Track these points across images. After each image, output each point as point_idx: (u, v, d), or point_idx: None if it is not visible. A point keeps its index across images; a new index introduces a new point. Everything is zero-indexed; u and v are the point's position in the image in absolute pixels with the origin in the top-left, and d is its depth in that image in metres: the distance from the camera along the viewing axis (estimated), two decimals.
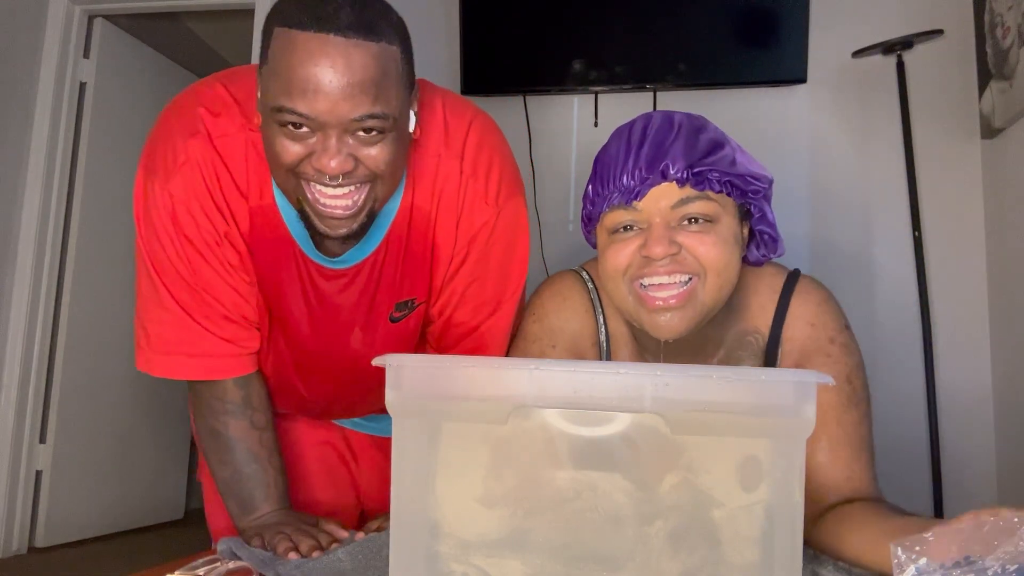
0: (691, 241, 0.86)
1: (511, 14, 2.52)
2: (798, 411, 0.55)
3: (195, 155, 0.95)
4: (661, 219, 0.86)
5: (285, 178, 0.88)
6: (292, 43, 0.81)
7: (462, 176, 1.00)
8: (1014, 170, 2.10)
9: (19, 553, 2.82)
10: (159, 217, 0.98)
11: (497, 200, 1.03)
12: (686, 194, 0.86)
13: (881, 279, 2.35)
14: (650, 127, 0.90)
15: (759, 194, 0.89)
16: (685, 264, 0.86)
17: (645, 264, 0.86)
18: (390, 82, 0.84)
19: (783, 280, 0.98)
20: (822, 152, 2.43)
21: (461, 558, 0.58)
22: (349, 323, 1.07)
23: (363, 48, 0.81)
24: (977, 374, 2.25)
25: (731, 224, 0.88)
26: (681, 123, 0.90)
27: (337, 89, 0.80)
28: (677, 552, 0.55)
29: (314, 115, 0.81)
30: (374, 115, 0.83)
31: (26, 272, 2.89)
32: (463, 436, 0.59)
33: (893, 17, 2.37)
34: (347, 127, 0.83)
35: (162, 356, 1.02)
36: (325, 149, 0.83)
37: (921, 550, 0.52)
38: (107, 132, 3.19)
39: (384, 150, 0.86)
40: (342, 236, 0.91)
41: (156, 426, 3.52)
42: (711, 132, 0.90)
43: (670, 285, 0.86)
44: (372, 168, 0.87)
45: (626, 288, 0.89)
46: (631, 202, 0.87)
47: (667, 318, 0.86)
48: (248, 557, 0.86)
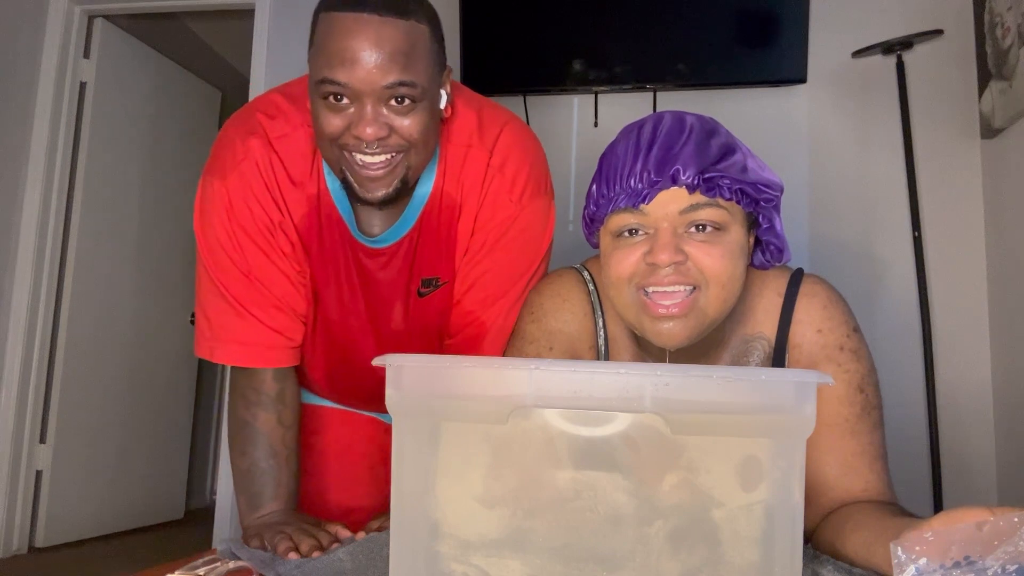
0: (697, 251, 0.84)
1: (511, 14, 2.52)
2: (798, 411, 0.55)
3: (253, 152, 1.04)
4: (668, 224, 0.84)
5: (330, 149, 0.97)
6: (332, 23, 0.91)
7: (489, 169, 1.07)
8: (1014, 170, 2.10)
9: (19, 553, 2.82)
10: (216, 211, 1.05)
11: (521, 199, 1.07)
12: (695, 200, 0.83)
13: (881, 279, 2.35)
14: (660, 128, 0.87)
15: (770, 203, 0.87)
16: (689, 275, 0.84)
17: (650, 272, 0.84)
18: (418, 55, 0.93)
19: (786, 282, 0.95)
20: (822, 152, 2.43)
21: (461, 558, 0.58)
22: (389, 299, 1.14)
23: (393, 24, 0.90)
24: (977, 374, 2.25)
25: (738, 233, 0.86)
26: (692, 126, 0.87)
27: (371, 59, 0.89)
28: (677, 552, 0.55)
29: (350, 83, 0.90)
30: (403, 82, 0.91)
31: (26, 272, 2.90)
32: (463, 436, 0.59)
33: (893, 17, 2.37)
34: (380, 95, 0.91)
35: (221, 344, 1.09)
36: (361, 117, 0.92)
37: (921, 550, 0.52)
38: (107, 132, 3.19)
39: (415, 120, 0.94)
40: (379, 199, 0.97)
41: (156, 426, 3.52)
42: (723, 136, 0.88)
43: (673, 293, 0.84)
44: (405, 137, 0.94)
45: (630, 296, 0.87)
46: (638, 205, 0.84)
47: (670, 326, 0.84)
48: (248, 557, 0.86)
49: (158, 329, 3.47)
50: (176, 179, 3.56)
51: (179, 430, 3.70)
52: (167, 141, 3.56)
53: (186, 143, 3.65)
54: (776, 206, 0.89)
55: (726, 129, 0.91)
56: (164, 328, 3.49)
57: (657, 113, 0.92)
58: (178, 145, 3.61)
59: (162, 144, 3.53)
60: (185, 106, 3.69)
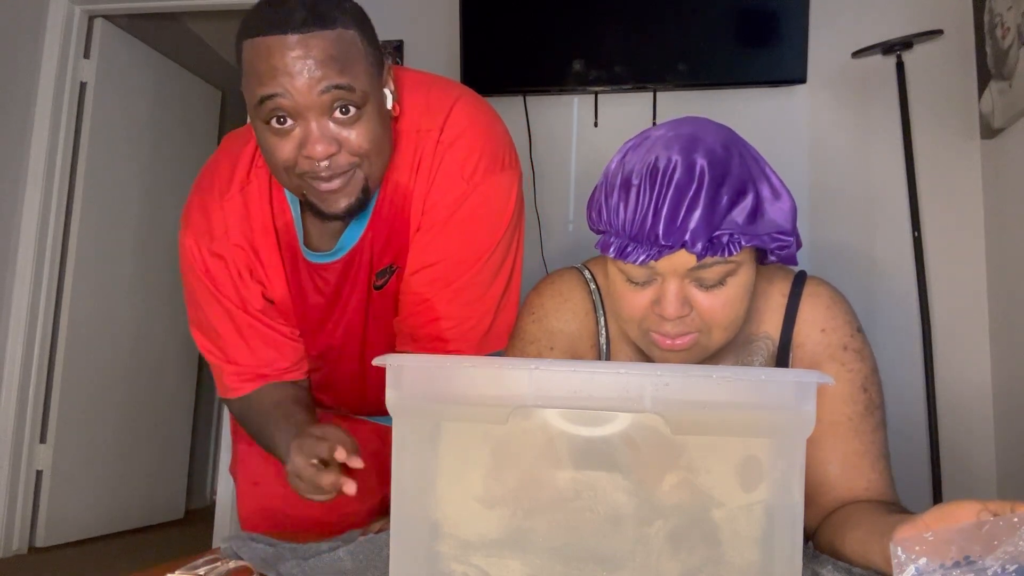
0: (704, 303, 0.82)
1: (511, 14, 2.52)
2: (798, 411, 0.55)
3: (227, 209, 1.10)
4: (676, 279, 0.81)
5: (287, 179, 0.96)
6: (258, 48, 0.91)
7: (439, 146, 1.04)
8: (1014, 170, 2.10)
9: (19, 553, 2.82)
10: (188, 266, 1.13)
11: (473, 176, 1.04)
12: (705, 261, 0.80)
13: (881, 279, 2.35)
14: (669, 181, 0.79)
15: (784, 250, 0.83)
16: (693, 324, 0.83)
17: (657, 320, 0.84)
18: (352, 60, 0.92)
19: (791, 283, 0.96)
20: (822, 152, 2.43)
21: (461, 558, 0.58)
22: (356, 305, 1.15)
23: (319, 37, 0.90)
24: (977, 374, 2.25)
25: (747, 273, 0.84)
26: (703, 175, 0.79)
27: (303, 70, 0.89)
28: (677, 552, 0.55)
29: (287, 91, 0.89)
30: (340, 85, 0.90)
31: (26, 272, 2.89)
32: (463, 436, 0.59)
33: (893, 17, 2.37)
34: (321, 107, 0.90)
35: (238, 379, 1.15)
36: (308, 135, 0.91)
37: (921, 550, 0.53)
38: (107, 132, 3.19)
39: (363, 130, 0.93)
40: (343, 211, 0.97)
41: (156, 426, 3.52)
42: (734, 172, 0.80)
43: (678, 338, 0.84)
44: (355, 151, 0.93)
45: (639, 332, 0.87)
46: (648, 263, 0.81)
47: (674, 355, 0.86)
48: (249, 556, 0.86)
49: (158, 329, 3.47)
50: (176, 179, 3.56)
51: (179, 430, 3.70)
52: (167, 141, 3.56)
53: (186, 143, 3.65)
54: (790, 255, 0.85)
55: (739, 152, 0.82)
56: (164, 328, 3.49)
57: (666, 143, 0.82)
58: (178, 145, 3.61)
59: (162, 144, 3.53)
60: (185, 106, 3.68)
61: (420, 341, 1.09)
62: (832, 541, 0.82)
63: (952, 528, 0.54)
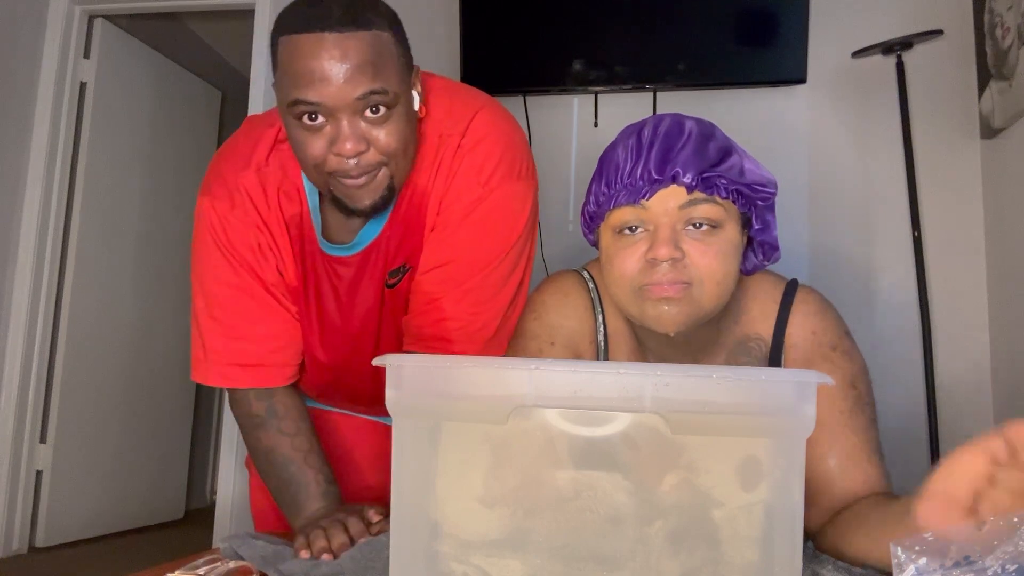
0: (694, 250, 0.87)
1: (511, 14, 2.52)
2: (798, 411, 0.55)
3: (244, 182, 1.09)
4: (668, 220, 0.87)
5: (316, 176, 0.98)
6: (294, 45, 0.91)
7: (459, 151, 1.06)
8: (1014, 170, 2.10)
9: (19, 553, 2.82)
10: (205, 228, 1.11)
11: (489, 181, 1.06)
12: (694, 197, 0.87)
13: (881, 279, 2.35)
14: (660, 129, 0.90)
15: (766, 202, 0.90)
16: (685, 272, 0.87)
17: (649, 270, 0.87)
18: (386, 62, 0.93)
19: (783, 289, 0.99)
20: (822, 152, 2.43)
21: (461, 558, 0.58)
22: (366, 303, 1.15)
23: (356, 38, 0.90)
24: (976, 374, 2.25)
25: (733, 231, 0.89)
26: (691, 130, 0.90)
27: (339, 75, 0.90)
28: (677, 552, 0.55)
29: (322, 101, 0.90)
30: (375, 91, 0.91)
31: (26, 272, 2.90)
32: (463, 436, 0.59)
33: (893, 17, 2.37)
34: (354, 108, 0.92)
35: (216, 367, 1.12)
36: (339, 133, 0.92)
37: (921, 550, 0.53)
38: (107, 132, 3.19)
39: (392, 130, 0.95)
40: (367, 208, 0.99)
41: (156, 426, 3.52)
42: (720, 140, 0.91)
43: (671, 285, 0.87)
44: (383, 151, 0.95)
45: (632, 292, 0.89)
46: (639, 201, 0.87)
47: (667, 308, 0.87)
48: (250, 556, 0.86)
49: (158, 329, 3.47)
50: (176, 179, 3.56)
51: (179, 430, 3.70)
52: (167, 141, 3.56)
53: (186, 143, 3.65)
54: (771, 206, 0.92)
55: (722, 132, 0.93)
56: (164, 328, 3.49)
57: (656, 116, 0.94)
58: (178, 145, 3.61)
59: (162, 144, 3.53)
60: (185, 106, 3.69)
61: (425, 340, 1.09)
62: (836, 544, 0.83)
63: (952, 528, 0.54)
